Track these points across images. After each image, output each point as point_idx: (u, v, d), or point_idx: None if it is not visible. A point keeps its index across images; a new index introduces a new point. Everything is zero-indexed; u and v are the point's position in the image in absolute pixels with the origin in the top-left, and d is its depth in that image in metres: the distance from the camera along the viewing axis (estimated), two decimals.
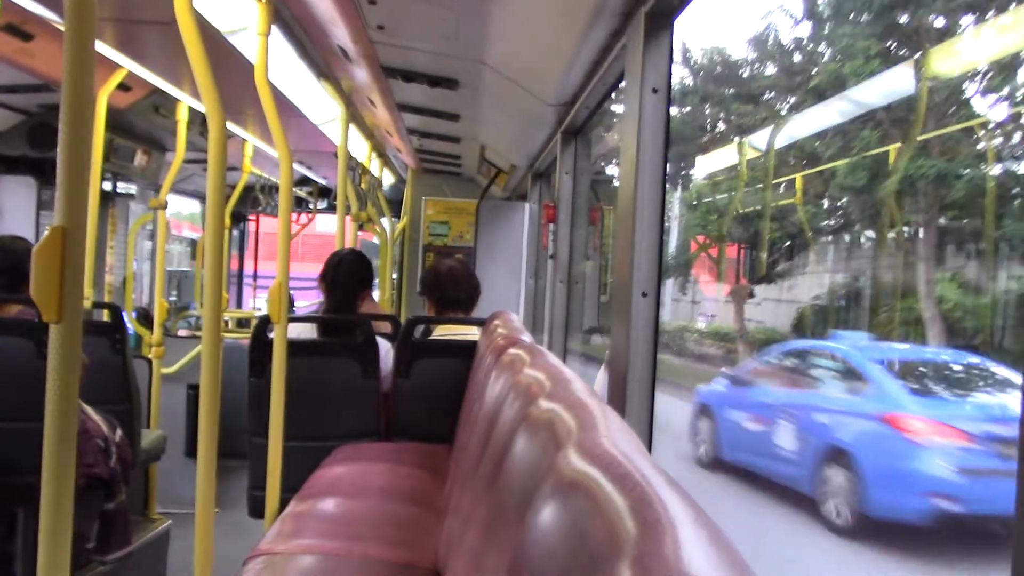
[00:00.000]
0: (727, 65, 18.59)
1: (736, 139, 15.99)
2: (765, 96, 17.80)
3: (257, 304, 9.75)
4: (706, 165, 18.34)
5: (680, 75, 18.10)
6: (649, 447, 2.07)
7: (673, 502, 0.78)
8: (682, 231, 19.02)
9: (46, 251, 1.38)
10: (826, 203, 16.22)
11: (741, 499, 7.79)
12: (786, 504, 7.24)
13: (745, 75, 18.50)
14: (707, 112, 18.75)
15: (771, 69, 17.82)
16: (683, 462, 8.97)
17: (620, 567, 0.72)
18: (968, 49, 12.06)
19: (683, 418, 9.74)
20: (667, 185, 2.12)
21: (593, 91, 3.04)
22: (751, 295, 15.68)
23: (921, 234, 13.21)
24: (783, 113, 16.92)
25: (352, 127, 4.65)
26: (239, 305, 9.55)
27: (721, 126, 18.72)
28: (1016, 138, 12.90)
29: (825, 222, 16.39)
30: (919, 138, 12.05)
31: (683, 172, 18.68)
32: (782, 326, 16.03)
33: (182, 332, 7.19)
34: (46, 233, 1.39)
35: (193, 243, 11.86)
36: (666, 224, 2.24)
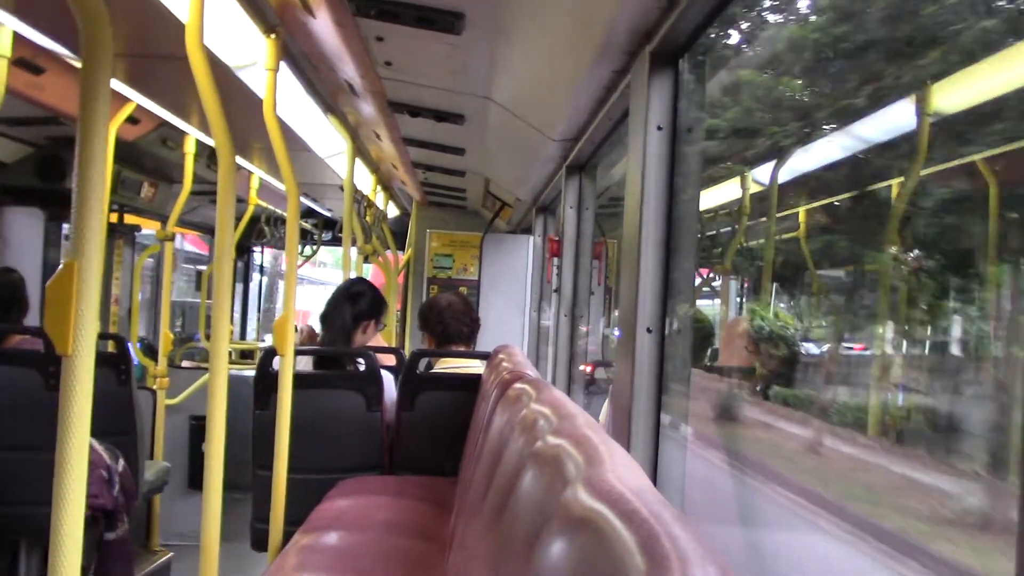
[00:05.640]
0: None
1: None
2: None
3: None
4: None
5: None
6: (655, 481, 2.07)
7: (682, 538, 0.79)
8: None
9: (59, 285, 1.39)
10: None
11: None
12: None
13: None
14: None
15: None
16: None
17: None
18: None
19: None
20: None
21: (598, 127, 3.06)
22: None
23: None
24: None
25: (358, 160, 4.68)
26: (243, 336, 9.55)
27: None
28: None
29: None
30: None
31: None
32: None
33: (185, 363, 7.20)
34: (60, 268, 1.40)
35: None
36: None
